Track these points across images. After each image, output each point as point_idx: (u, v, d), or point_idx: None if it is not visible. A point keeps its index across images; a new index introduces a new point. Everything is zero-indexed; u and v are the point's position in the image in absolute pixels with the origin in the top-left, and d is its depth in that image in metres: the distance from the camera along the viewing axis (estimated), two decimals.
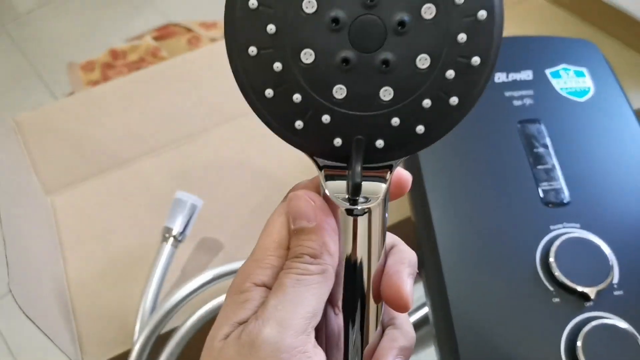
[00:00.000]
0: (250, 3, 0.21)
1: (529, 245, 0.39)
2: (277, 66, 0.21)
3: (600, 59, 0.48)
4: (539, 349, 0.35)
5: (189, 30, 1.65)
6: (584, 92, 0.45)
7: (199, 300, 0.43)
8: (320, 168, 0.23)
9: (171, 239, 0.43)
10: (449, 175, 0.42)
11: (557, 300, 0.36)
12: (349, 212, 0.23)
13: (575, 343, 0.34)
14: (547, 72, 0.46)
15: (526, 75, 0.46)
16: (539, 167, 0.42)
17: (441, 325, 0.38)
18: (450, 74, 0.21)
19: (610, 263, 0.37)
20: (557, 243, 0.38)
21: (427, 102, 0.22)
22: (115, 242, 0.49)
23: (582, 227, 0.39)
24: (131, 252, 0.48)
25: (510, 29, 0.63)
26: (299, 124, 0.22)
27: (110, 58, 1.54)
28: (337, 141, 0.22)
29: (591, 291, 0.36)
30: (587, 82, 0.46)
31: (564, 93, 0.45)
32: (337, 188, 0.23)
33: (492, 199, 0.41)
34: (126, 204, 0.52)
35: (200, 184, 0.52)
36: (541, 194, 0.40)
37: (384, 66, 0.21)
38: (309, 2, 0.21)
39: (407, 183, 0.25)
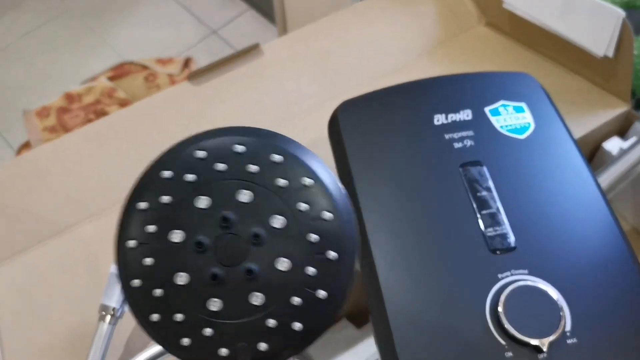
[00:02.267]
0: (131, 243, 0.25)
1: (479, 297, 0.37)
2: (158, 292, 0.24)
3: (538, 91, 0.47)
4: None
5: (145, 67, 1.63)
6: (524, 128, 0.44)
7: None
8: None
9: (108, 317, 0.41)
10: (393, 227, 0.41)
11: (509, 354, 0.35)
12: None
13: None
14: (487, 110, 0.45)
15: (465, 115, 0.45)
16: (484, 212, 0.40)
17: None
18: (311, 270, 0.24)
19: (561, 311, 0.36)
20: (505, 293, 0.36)
21: (296, 300, 0.24)
22: (55, 319, 0.47)
23: (531, 273, 0.38)
24: (72, 329, 0.46)
25: (452, 61, 0.63)
26: (185, 341, 0.24)
27: (65, 102, 1.50)
28: (223, 351, 0.24)
29: (542, 343, 0.35)
30: (527, 117, 0.45)
31: (504, 131, 0.44)
32: None
33: (438, 249, 0.40)
34: (66, 276, 0.49)
35: None
36: (488, 241, 0.39)
37: (248, 275, 0.24)
38: (175, 233, 0.24)
39: None
